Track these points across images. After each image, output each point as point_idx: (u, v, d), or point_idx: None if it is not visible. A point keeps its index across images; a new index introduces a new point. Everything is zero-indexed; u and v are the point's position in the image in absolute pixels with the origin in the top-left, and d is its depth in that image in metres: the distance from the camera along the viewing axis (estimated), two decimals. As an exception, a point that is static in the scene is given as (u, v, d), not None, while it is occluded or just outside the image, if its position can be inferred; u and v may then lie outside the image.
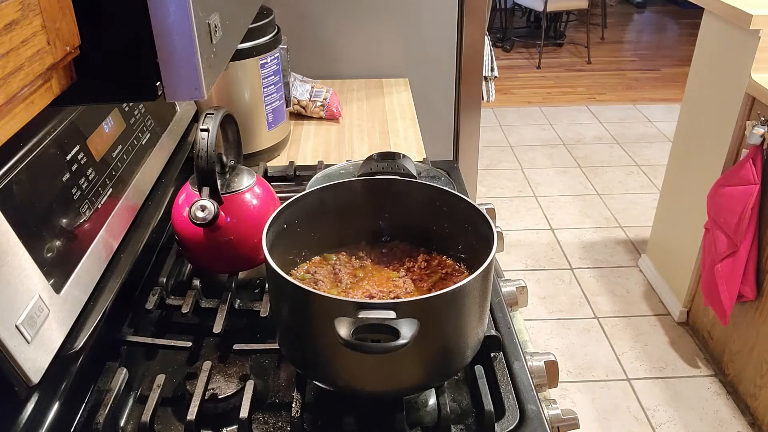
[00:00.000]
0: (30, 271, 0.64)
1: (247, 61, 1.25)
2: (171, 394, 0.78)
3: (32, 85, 0.45)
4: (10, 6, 0.41)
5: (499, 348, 0.80)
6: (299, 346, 0.73)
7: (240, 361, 0.80)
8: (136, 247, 0.88)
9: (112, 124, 0.89)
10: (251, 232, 0.86)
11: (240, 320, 0.87)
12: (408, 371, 0.69)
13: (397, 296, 0.76)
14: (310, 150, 1.44)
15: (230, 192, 0.88)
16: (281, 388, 0.79)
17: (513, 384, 0.76)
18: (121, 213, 0.86)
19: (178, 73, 0.53)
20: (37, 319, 0.62)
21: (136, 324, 0.85)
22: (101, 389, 0.74)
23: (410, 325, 0.60)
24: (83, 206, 0.76)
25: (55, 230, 0.70)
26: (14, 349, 0.58)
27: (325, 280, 0.80)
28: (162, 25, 0.51)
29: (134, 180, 0.91)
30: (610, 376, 2.19)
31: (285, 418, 0.74)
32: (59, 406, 0.67)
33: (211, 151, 0.81)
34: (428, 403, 0.76)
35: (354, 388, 0.71)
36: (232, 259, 0.90)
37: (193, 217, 0.81)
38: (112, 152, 0.87)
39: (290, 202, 0.79)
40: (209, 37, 0.57)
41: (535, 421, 0.72)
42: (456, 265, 0.83)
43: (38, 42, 0.44)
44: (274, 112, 1.34)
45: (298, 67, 1.63)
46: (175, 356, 0.84)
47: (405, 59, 1.76)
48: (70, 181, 0.75)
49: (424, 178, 1.02)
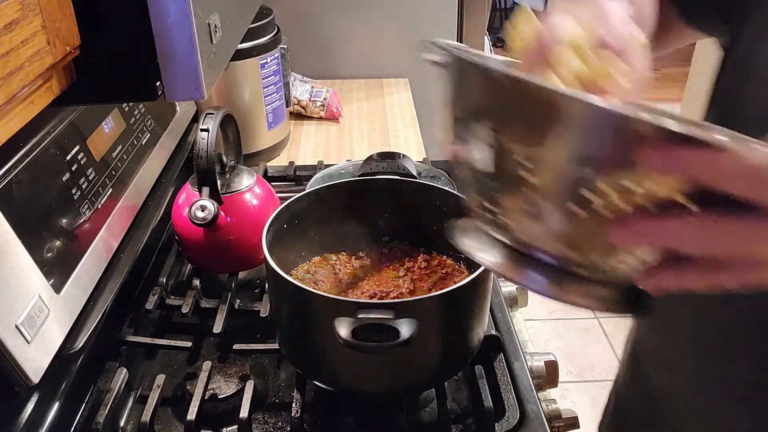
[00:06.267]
0: (30, 271, 0.64)
1: (247, 61, 1.26)
2: (171, 394, 0.78)
3: (32, 85, 0.45)
4: (10, 6, 0.41)
5: (499, 348, 0.80)
6: (299, 346, 0.73)
7: (240, 361, 0.80)
8: (136, 247, 0.88)
9: (112, 124, 0.89)
10: (251, 232, 0.86)
11: (240, 320, 0.87)
12: (408, 371, 0.69)
13: (397, 296, 0.76)
14: (310, 150, 1.44)
15: (230, 192, 0.88)
16: (281, 388, 0.79)
17: (513, 384, 0.76)
18: (121, 213, 0.86)
19: (178, 73, 0.53)
20: (37, 319, 0.62)
21: (136, 324, 0.85)
22: (101, 389, 0.74)
23: (410, 325, 0.60)
24: (83, 206, 0.76)
25: (55, 230, 0.70)
26: (14, 349, 0.58)
27: (325, 280, 0.80)
28: (162, 25, 0.51)
29: (134, 180, 0.91)
30: (610, 376, 2.18)
31: (285, 418, 0.74)
32: (59, 406, 0.67)
33: (211, 151, 0.81)
34: (428, 403, 0.76)
35: (354, 388, 0.71)
36: (232, 259, 0.90)
37: (193, 217, 0.81)
38: (112, 152, 0.87)
39: (290, 202, 0.79)
40: (209, 37, 0.57)
41: (535, 421, 0.72)
42: (456, 265, 0.83)
43: (38, 42, 0.44)
44: (274, 112, 1.34)
45: (298, 67, 1.63)
46: (175, 356, 0.84)
47: (405, 59, 1.76)
48: (70, 181, 0.75)
49: (424, 178, 1.02)
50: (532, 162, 0.36)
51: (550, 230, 0.38)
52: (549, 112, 0.34)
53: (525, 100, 0.36)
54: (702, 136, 0.31)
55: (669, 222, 0.34)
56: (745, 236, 0.34)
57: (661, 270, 0.37)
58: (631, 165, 0.33)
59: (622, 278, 0.39)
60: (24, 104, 0.45)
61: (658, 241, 0.36)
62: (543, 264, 0.40)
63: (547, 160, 0.36)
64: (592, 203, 0.35)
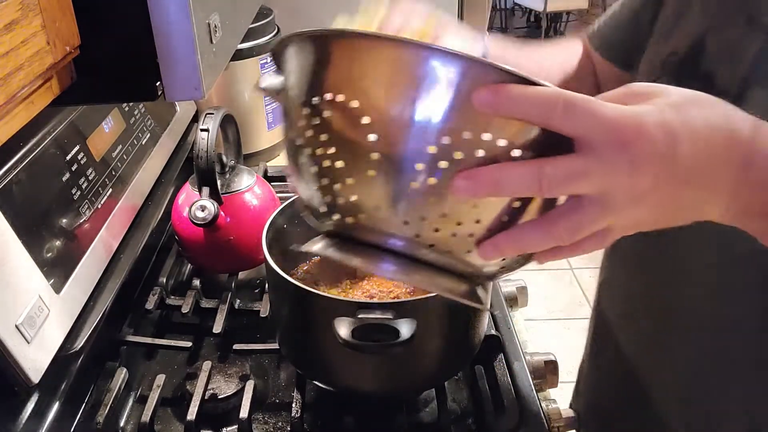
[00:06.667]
0: (30, 271, 0.64)
1: (247, 61, 1.25)
2: (171, 394, 0.78)
3: (32, 85, 0.45)
4: (10, 6, 0.41)
5: (499, 348, 0.80)
6: (299, 346, 0.73)
7: (240, 361, 0.80)
8: (136, 247, 0.88)
9: (112, 123, 0.89)
10: (251, 232, 0.86)
11: (240, 320, 0.87)
12: (408, 371, 0.69)
13: (397, 296, 0.76)
14: (310, 150, 1.43)
15: (230, 192, 0.88)
16: (281, 388, 0.79)
17: (513, 384, 0.76)
18: (121, 213, 0.86)
19: (178, 73, 0.53)
20: (37, 319, 0.62)
21: (136, 324, 0.85)
22: (101, 389, 0.74)
23: (410, 325, 0.60)
24: (83, 206, 0.76)
25: (55, 230, 0.70)
26: (14, 349, 0.58)
27: (325, 280, 0.80)
28: (162, 25, 0.51)
29: (134, 180, 0.91)
30: (610, 376, 2.18)
31: (285, 419, 0.74)
32: (59, 406, 0.67)
33: (211, 151, 0.81)
34: (428, 404, 0.76)
35: (354, 388, 0.71)
36: (232, 259, 0.90)
37: (193, 217, 0.81)
38: (112, 152, 0.87)
39: (290, 202, 0.79)
40: (209, 37, 0.57)
41: (535, 421, 0.72)
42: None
43: (38, 42, 0.44)
44: (274, 112, 1.34)
45: (298, 67, 1.62)
46: (175, 356, 0.84)
47: (405, 59, 1.76)
48: (70, 181, 0.75)
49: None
50: (376, 127, 0.38)
51: (396, 207, 0.39)
52: (398, 63, 0.37)
53: (372, 55, 0.38)
54: (523, 74, 0.35)
55: (508, 167, 0.37)
56: (573, 171, 0.36)
57: (498, 234, 0.39)
58: (467, 111, 0.36)
59: (464, 257, 0.41)
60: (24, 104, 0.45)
61: (499, 188, 0.37)
62: (393, 252, 0.42)
63: (391, 117, 0.38)
64: (437, 165, 0.37)
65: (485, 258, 0.40)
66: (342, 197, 0.41)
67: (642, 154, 0.36)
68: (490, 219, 0.39)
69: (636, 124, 0.36)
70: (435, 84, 0.36)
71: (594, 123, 0.36)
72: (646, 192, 0.38)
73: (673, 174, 0.38)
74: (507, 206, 0.39)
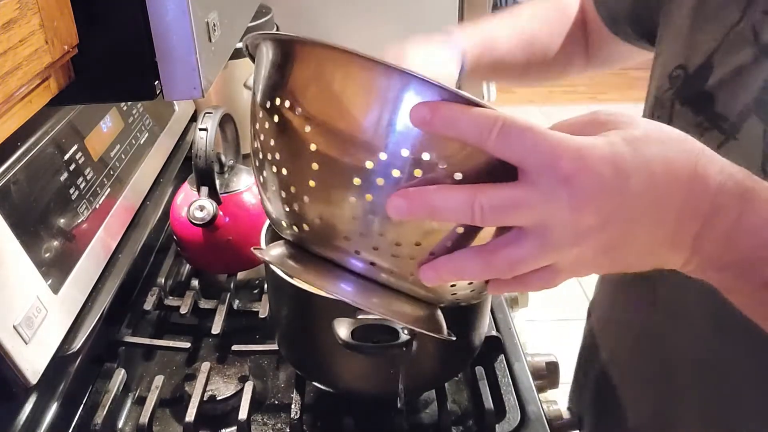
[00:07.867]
0: (28, 272, 0.63)
1: (246, 60, 1.25)
2: (169, 395, 0.78)
3: (30, 84, 0.44)
4: (8, 5, 0.40)
5: (499, 349, 0.80)
6: (298, 346, 0.72)
7: (239, 362, 0.80)
8: (135, 247, 0.88)
9: (110, 123, 0.89)
10: (250, 232, 0.86)
11: (239, 321, 0.87)
12: (408, 372, 0.69)
13: (397, 297, 0.76)
14: (310, 150, 1.43)
15: (229, 192, 0.88)
16: (280, 390, 0.79)
17: (514, 385, 0.76)
18: (120, 213, 0.85)
19: (176, 71, 0.53)
20: (35, 320, 0.62)
21: (135, 325, 0.85)
22: (99, 390, 0.74)
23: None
24: (81, 206, 0.76)
25: (53, 230, 0.70)
26: (12, 350, 0.58)
27: (324, 281, 0.80)
28: (160, 23, 0.51)
29: (132, 180, 0.91)
30: (610, 376, 2.18)
31: (284, 420, 0.74)
32: (57, 407, 0.67)
33: (209, 150, 0.81)
34: (428, 405, 0.76)
35: (354, 389, 0.71)
36: (231, 259, 0.89)
37: (191, 217, 0.81)
38: (110, 152, 0.87)
39: (289, 202, 0.78)
40: (208, 35, 0.56)
41: (536, 422, 0.71)
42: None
43: (36, 41, 0.44)
44: (273, 111, 1.34)
45: (297, 67, 1.62)
46: (174, 357, 0.83)
47: (404, 59, 1.76)
48: (68, 180, 0.75)
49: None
50: (318, 136, 0.38)
51: (333, 220, 0.39)
52: (345, 74, 0.37)
53: (322, 64, 0.38)
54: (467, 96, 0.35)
55: (443, 191, 0.35)
56: (509, 201, 0.35)
57: (439, 258, 0.38)
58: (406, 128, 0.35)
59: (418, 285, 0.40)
60: (22, 103, 0.45)
61: (434, 212, 0.36)
62: (354, 274, 0.41)
63: (332, 128, 0.38)
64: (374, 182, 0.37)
65: (426, 281, 0.39)
66: (288, 206, 0.41)
67: (583, 189, 0.34)
68: (431, 243, 0.38)
69: (577, 156, 0.34)
70: (376, 98, 0.36)
71: (531, 151, 0.34)
72: (592, 229, 0.35)
73: (622, 212, 0.35)
74: (451, 231, 0.38)
